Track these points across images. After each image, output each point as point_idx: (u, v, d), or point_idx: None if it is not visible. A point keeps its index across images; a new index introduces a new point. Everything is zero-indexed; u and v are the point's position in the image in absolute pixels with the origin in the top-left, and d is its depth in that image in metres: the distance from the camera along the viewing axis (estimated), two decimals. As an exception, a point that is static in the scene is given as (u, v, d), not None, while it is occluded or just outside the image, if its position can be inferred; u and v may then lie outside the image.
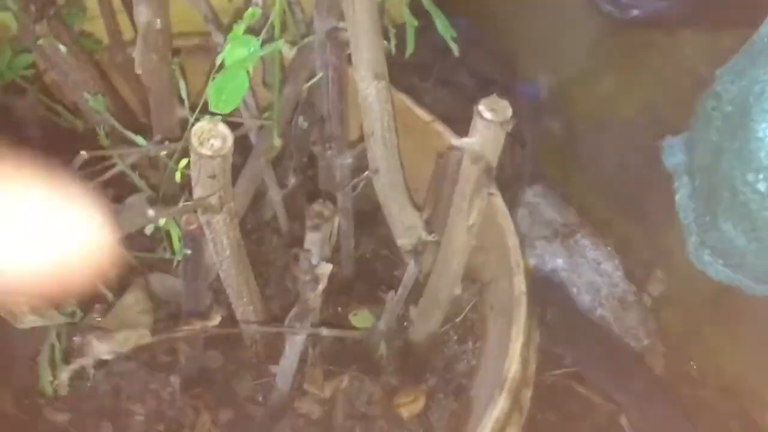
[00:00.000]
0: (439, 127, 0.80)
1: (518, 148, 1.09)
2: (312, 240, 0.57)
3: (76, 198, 0.32)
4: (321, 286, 0.55)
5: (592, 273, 1.20)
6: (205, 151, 0.48)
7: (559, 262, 1.20)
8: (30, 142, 0.66)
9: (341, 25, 0.62)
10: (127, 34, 0.70)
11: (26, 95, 0.62)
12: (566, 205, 1.27)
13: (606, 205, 1.24)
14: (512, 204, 1.14)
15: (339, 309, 0.81)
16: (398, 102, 0.83)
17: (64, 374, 0.50)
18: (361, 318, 0.80)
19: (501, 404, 0.62)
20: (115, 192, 0.63)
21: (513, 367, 0.64)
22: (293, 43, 0.65)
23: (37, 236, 0.30)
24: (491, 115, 0.52)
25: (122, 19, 0.69)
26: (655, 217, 1.12)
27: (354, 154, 0.65)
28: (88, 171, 0.60)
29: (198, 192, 0.52)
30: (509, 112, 0.52)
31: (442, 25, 0.65)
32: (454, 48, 0.69)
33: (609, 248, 1.23)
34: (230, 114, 0.51)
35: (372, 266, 0.87)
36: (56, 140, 0.68)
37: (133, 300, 0.55)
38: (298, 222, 0.84)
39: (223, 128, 0.49)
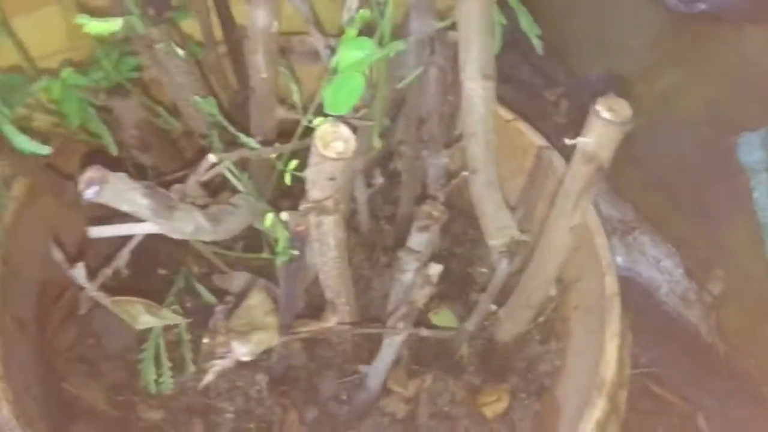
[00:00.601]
0: (522, 125, 0.80)
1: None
2: (420, 241, 0.57)
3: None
4: (430, 288, 0.55)
5: (652, 270, 1.19)
6: (330, 153, 0.48)
7: (618, 259, 1.19)
8: (130, 143, 0.66)
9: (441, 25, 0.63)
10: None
11: (129, 97, 0.62)
12: (623, 201, 1.26)
13: (663, 202, 1.22)
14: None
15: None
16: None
17: (209, 376, 0.51)
18: (442, 316, 0.80)
19: (601, 406, 0.62)
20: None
21: (611, 368, 0.64)
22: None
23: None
24: (610, 115, 0.51)
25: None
26: (714, 215, 1.11)
27: (449, 154, 0.65)
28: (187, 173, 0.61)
29: (315, 194, 0.52)
30: (629, 111, 0.52)
31: (526, 21, 0.64)
32: (539, 46, 0.68)
33: (669, 245, 1.21)
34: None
35: (448, 265, 0.87)
36: (155, 141, 0.68)
37: (257, 301, 0.55)
38: (374, 221, 0.85)
39: (345, 130, 0.49)
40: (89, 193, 0.42)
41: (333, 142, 0.49)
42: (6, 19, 0.63)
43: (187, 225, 0.49)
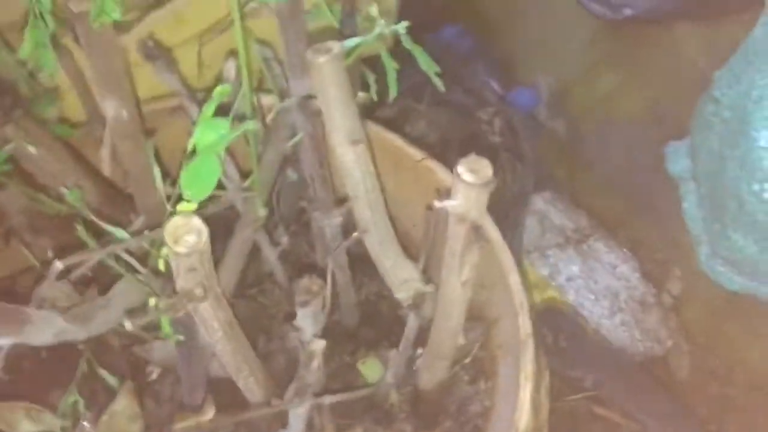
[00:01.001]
0: (432, 164, 0.78)
1: (518, 164, 1.06)
2: (303, 315, 0.56)
3: None
4: (316, 363, 0.54)
5: (609, 277, 1.18)
6: (181, 249, 0.47)
7: (574, 269, 1.18)
8: (17, 232, 0.65)
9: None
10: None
11: (7, 188, 0.61)
12: (576, 209, 1.25)
13: (616, 206, 1.21)
14: (518, 222, 1.12)
15: (347, 358, 0.80)
16: (388, 142, 0.82)
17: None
18: (370, 366, 0.79)
19: (514, 456, 0.61)
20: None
21: (524, 417, 0.63)
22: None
23: None
24: (472, 177, 0.50)
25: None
26: (667, 216, 1.10)
27: (341, 212, 0.64)
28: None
29: (180, 283, 0.51)
30: (489, 171, 0.50)
31: (424, 61, 0.63)
32: (439, 84, 0.67)
33: (625, 250, 1.20)
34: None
35: (376, 308, 0.85)
36: (46, 224, 0.67)
37: (122, 406, 0.54)
38: (298, 271, 0.84)
39: (197, 222, 0.48)
40: None
41: (184, 235, 0.48)
42: None
43: (44, 334, 0.48)
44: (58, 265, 0.48)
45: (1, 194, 0.61)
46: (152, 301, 0.57)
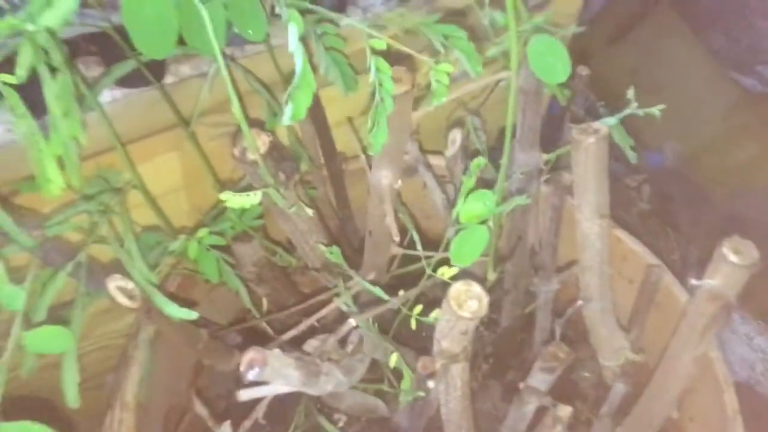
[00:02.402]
0: (619, 233, 0.80)
1: (670, 231, 1.07)
2: (543, 380, 0.58)
3: None
4: (560, 428, 0.56)
5: (744, 348, 1.16)
6: (465, 313, 0.50)
7: (710, 339, 1.17)
8: (248, 278, 0.70)
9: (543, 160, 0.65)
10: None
11: (252, 242, 0.65)
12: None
13: (750, 276, 1.20)
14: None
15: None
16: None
17: None
18: None
19: None
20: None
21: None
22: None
23: None
24: (737, 258, 0.52)
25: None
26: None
27: (560, 280, 0.66)
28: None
29: (445, 344, 0.54)
30: (755, 253, 0.52)
31: (620, 135, 0.66)
32: (633, 158, 0.70)
33: (759, 321, 1.19)
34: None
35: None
36: (270, 275, 0.71)
37: None
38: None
39: (478, 289, 0.51)
40: (251, 375, 0.45)
41: (467, 300, 0.51)
42: (134, 168, 0.68)
43: (329, 384, 0.51)
44: (352, 322, 0.52)
45: (246, 246, 0.66)
46: (394, 357, 0.60)
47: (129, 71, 0.62)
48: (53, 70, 0.46)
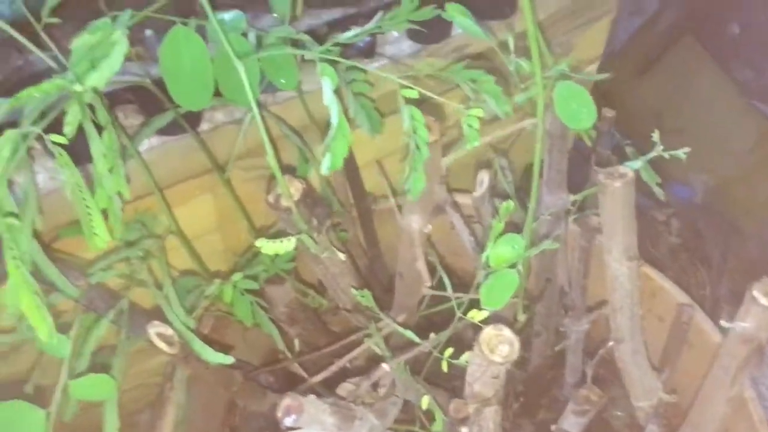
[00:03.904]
0: (648, 270, 0.80)
1: (701, 268, 1.06)
2: (575, 423, 0.58)
3: None
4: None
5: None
6: (497, 358, 0.51)
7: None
8: (280, 318, 0.71)
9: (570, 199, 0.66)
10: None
11: (284, 284, 0.67)
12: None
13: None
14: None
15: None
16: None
17: None
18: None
19: None
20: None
21: None
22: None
23: None
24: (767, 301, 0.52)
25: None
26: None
27: (590, 320, 0.66)
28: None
29: (477, 388, 0.54)
30: (786, 297, 0.52)
31: (647, 174, 0.67)
32: (661, 194, 0.71)
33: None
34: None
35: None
36: (302, 316, 0.73)
37: None
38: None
39: (509, 333, 0.52)
40: (288, 421, 0.46)
41: (498, 345, 0.51)
42: (171, 212, 0.70)
43: (363, 429, 0.52)
44: (385, 367, 0.53)
45: (279, 289, 0.67)
46: (426, 400, 0.60)
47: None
48: (98, 127, 0.48)
